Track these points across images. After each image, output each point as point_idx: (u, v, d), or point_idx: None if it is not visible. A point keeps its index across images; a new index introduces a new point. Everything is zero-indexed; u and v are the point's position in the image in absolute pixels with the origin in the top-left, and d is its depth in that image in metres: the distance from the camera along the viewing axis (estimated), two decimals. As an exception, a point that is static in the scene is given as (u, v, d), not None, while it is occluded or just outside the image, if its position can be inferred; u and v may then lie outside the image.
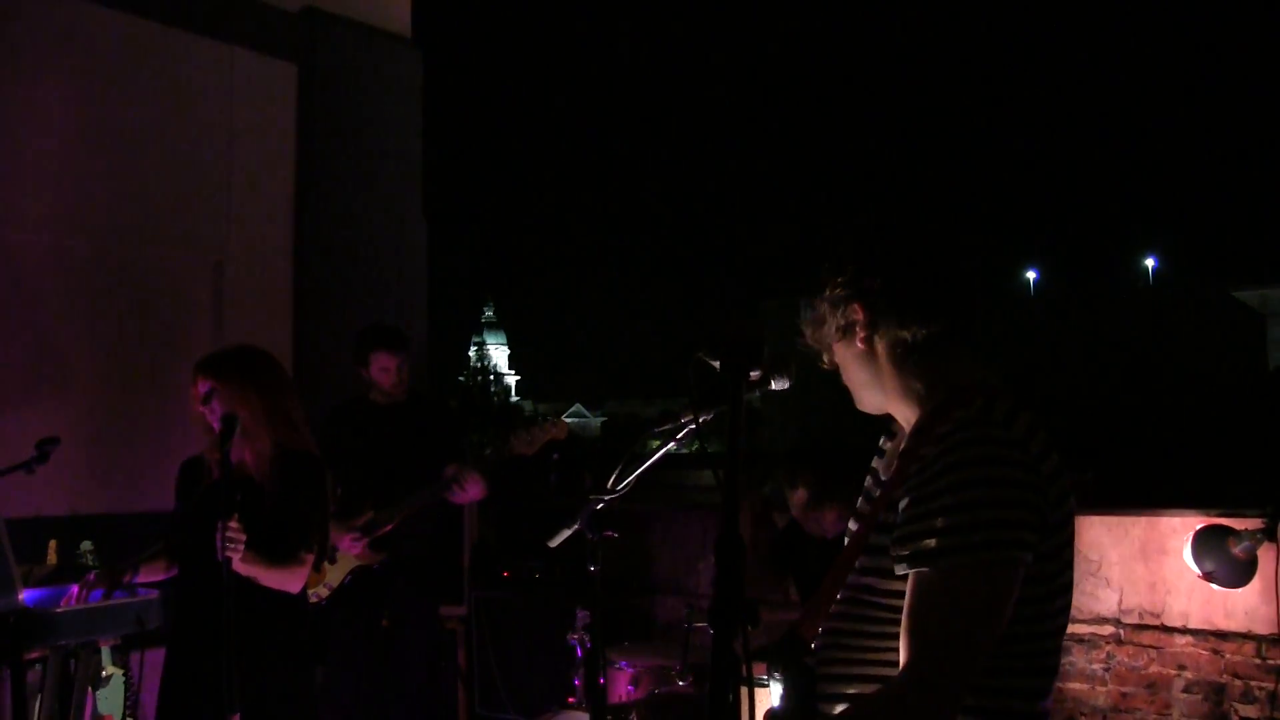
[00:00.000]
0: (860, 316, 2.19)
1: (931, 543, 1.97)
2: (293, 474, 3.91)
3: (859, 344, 2.20)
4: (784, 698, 2.07)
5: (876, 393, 2.24)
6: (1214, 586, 4.96)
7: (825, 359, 2.29)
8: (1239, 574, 4.85)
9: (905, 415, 2.23)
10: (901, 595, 2.02)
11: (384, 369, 5.78)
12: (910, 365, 2.18)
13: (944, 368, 2.17)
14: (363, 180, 7.64)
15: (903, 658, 1.99)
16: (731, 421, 1.78)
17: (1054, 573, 2.05)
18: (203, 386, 3.85)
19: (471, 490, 5.46)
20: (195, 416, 3.92)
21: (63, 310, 6.24)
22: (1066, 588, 2.10)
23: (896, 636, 2.01)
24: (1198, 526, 5.00)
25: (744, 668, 1.61)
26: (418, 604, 5.87)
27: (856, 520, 2.28)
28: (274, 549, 3.76)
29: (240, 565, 3.59)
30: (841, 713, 2.03)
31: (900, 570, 2.03)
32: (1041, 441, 2.06)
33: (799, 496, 4.97)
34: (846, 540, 2.26)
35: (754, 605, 1.62)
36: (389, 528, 5.54)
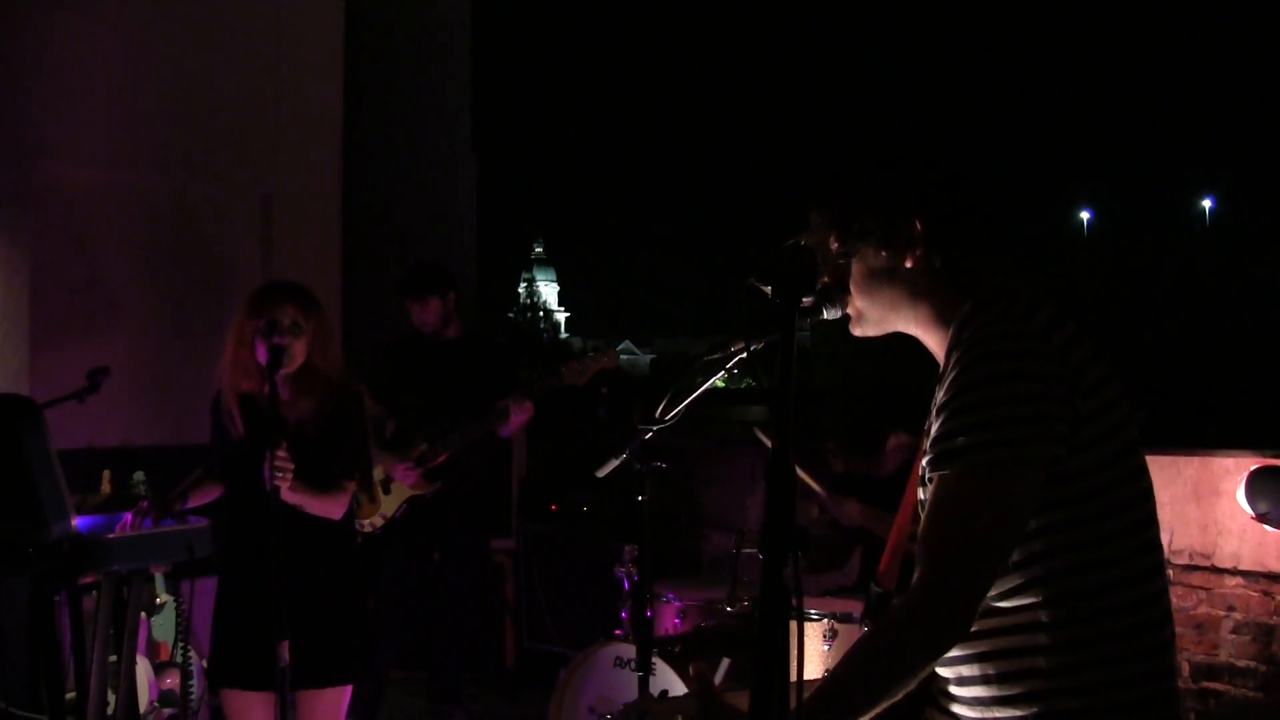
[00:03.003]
0: (919, 231, 2.12)
1: (948, 444, 1.94)
2: (339, 406, 3.91)
3: (907, 261, 2.13)
4: None
5: (899, 313, 2.17)
6: (1267, 528, 4.90)
7: (827, 275, 2.19)
8: (1295, 515, 4.78)
9: (934, 336, 2.16)
10: None
11: (409, 311, 5.84)
12: (949, 282, 2.12)
13: (974, 282, 2.12)
14: (411, 113, 7.61)
15: (920, 561, 1.95)
16: (784, 347, 1.74)
17: (1103, 462, 1.96)
18: (286, 315, 3.80)
19: (518, 417, 5.52)
20: (242, 343, 3.86)
21: (113, 243, 6.28)
22: (1133, 476, 2.01)
23: None
24: (1252, 467, 4.93)
25: (794, 597, 1.59)
26: (468, 538, 5.94)
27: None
28: (319, 478, 3.78)
29: (288, 493, 3.61)
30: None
31: (928, 478, 2.00)
32: (1069, 332, 2.00)
33: (838, 466, 5.04)
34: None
35: (804, 532, 1.59)
36: (442, 459, 5.61)
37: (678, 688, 4.21)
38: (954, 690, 2.09)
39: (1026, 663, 1.97)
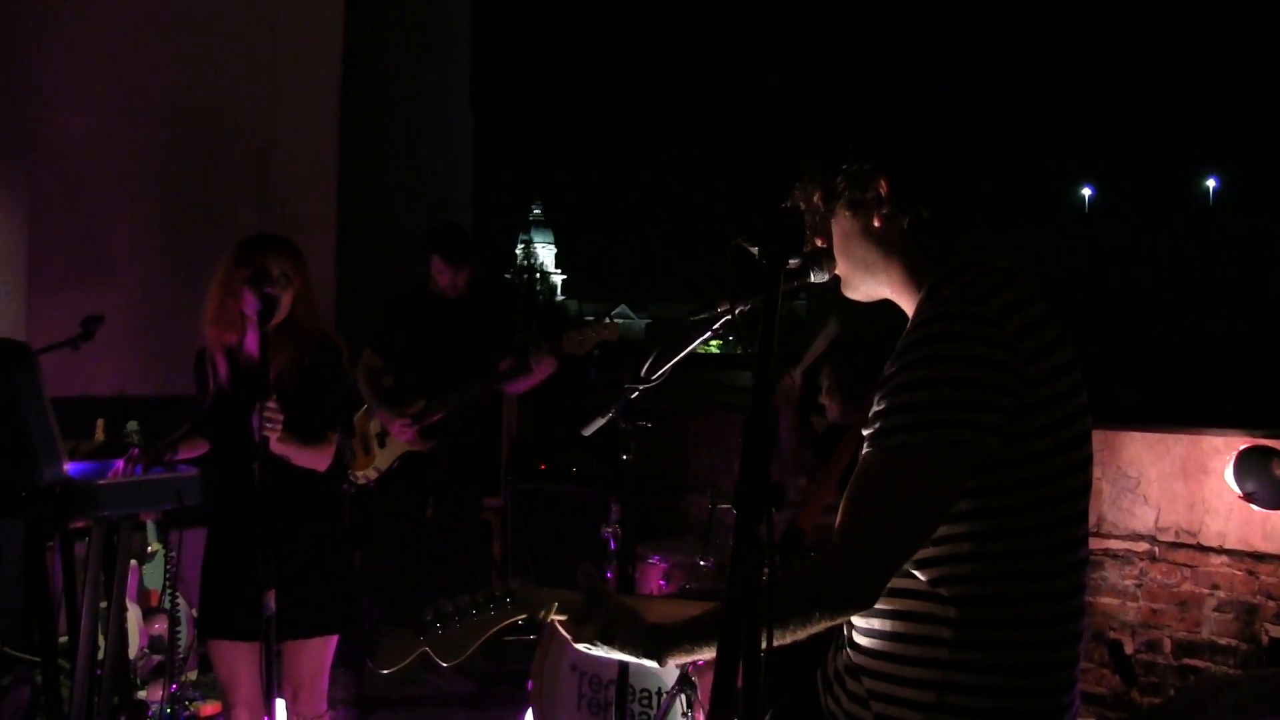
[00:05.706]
0: (885, 190, 2.12)
1: (884, 421, 1.95)
2: (317, 359, 3.92)
3: (875, 221, 2.13)
4: None
5: (875, 275, 2.18)
6: (1254, 507, 4.93)
7: (818, 236, 2.21)
8: (1280, 495, 4.81)
9: (907, 301, 2.17)
10: None
11: (440, 271, 5.80)
12: (920, 245, 2.12)
13: (949, 249, 2.12)
14: (410, 68, 7.58)
15: (839, 524, 1.96)
16: (767, 306, 1.75)
17: (1045, 453, 1.96)
18: (276, 266, 3.80)
19: (542, 371, 5.47)
20: (230, 294, 3.85)
21: (110, 193, 6.27)
22: (1074, 469, 2.01)
23: None
24: (1241, 447, 4.96)
25: (768, 552, 1.60)
26: (461, 495, 5.97)
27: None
28: (302, 429, 3.80)
29: (276, 444, 3.62)
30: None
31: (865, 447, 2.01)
32: (1032, 315, 1.98)
33: (829, 402, 5.00)
34: None
35: (780, 489, 1.59)
36: (438, 417, 5.66)
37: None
38: (860, 661, 2.11)
39: (927, 650, 2.00)
